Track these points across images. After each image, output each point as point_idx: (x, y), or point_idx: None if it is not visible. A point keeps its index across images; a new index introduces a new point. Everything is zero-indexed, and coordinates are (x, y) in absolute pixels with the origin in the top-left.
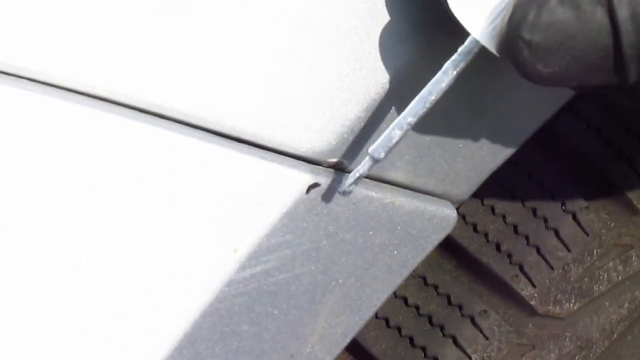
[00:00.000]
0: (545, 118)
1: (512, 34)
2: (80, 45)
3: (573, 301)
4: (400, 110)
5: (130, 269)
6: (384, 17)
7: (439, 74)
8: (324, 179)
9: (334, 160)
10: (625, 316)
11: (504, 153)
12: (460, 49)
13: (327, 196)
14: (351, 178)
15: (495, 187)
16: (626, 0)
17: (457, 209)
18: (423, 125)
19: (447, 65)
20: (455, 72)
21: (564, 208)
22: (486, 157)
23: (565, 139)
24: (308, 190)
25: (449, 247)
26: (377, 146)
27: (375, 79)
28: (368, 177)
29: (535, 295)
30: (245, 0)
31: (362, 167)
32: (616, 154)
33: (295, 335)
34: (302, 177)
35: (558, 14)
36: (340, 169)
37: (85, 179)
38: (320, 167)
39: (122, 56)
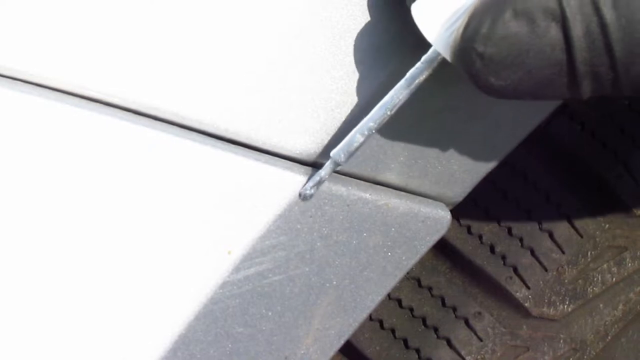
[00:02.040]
0: (540, 120)
1: (465, 45)
2: (75, 47)
3: (567, 303)
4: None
5: (124, 270)
6: (378, 19)
7: (402, 81)
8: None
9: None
10: (619, 318)
11: (498, 155)
12: (423, 58)
13: (321, 197)
14: (312, 181)
15: (490, 188)
16: (580, 17)
17: (451, 211)
18: (417, 128)
19: (410, 73)
20: (417, 81)
21: (558, 210)
22: (480, 158)
23: (560, 141)
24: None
25: (443, 248)
26: (338, 150)
27: (369, 81)
28: (362, 178)
29: (529, 296)
30: (239, 4)
31: (323, 170)
32: (610, 156)
33: (289, 337)
34: (296, 179)
35: (512, 28)
36: (334, 171)
37: (80, 180)
38: (314, 169)
39: (117, 58)
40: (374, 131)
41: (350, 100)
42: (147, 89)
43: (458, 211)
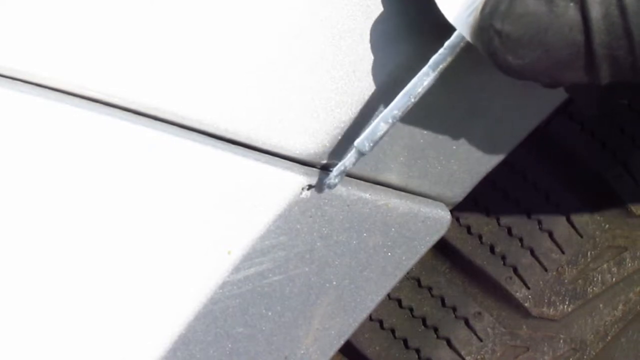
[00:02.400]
0: (539, 119)
1: (483, 23)
2: (75, 47)
3: (567, 303)
4: None
5: (124, 270)
6: (378, 19)
7: (425, 68)
8: (318, 180)
9: (328, 161)
10: (619, 318)
11: (497, 155)
12: (446, 43)
13: (321, 197)
14: (336, 170)
15: (489, 188)
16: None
17: (451, 211)
18: (417, 127)
19: (433, 59)
20: (440, 66)
21: (557, 209)
22: (480, 158)
23: (560, 141)
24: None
25: (443, 248)
26: (362, 139)
27: (369, 81)
28: (362, 178)
29: (529, 296)
30: (239, 4)
31: (347, 159)
32: (610, 155)
33: (289, 337)
34: (296, 179)
35: (530, 6)
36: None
37: (80, 181)
38: (314, 169)
39: (117, 59)
40: (397, 119)
41: (350, 100)
42: (147, 89)
43: (458, 211)
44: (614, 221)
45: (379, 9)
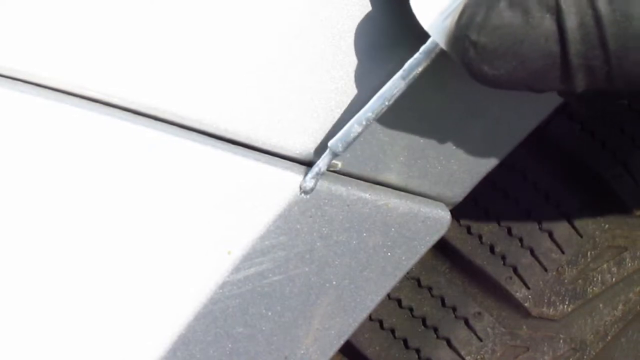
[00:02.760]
0: (539, 120)
1: (459, 33)
2: (75, 47)
3: (567, 303)
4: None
5: (124, 270)
6: (377, 19)
7: (400, 72)
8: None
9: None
10: (619, 318)
11: (497, 155)
12: (422, 48)
13: (321, 197)
14: (311, 172)
15: (489, 188)
16: (575, 10)
17: (451, 211)
18: (417, 128)
19: (408, 63)
20: (415, 72)
21: (557, 209)
22: (480, 158)
23: (559, 141)
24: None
25: (442, 248)
26: (335, 140)
27: (369, 81)
28: (362, 178)
29: (529, 296)
30: (239, 4)
31: (321, 161)
32: (610, 155)
33: (289, 337)
34: (296, 179)
35: (506, 17)
36: (333, 170)
37: (80, 181)
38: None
39: (117, 59)
40: (371, 121)
41: (350, 100)
42: (147, 89)
43: (458, 211)
44: (614, 221)
45: (379, 9)
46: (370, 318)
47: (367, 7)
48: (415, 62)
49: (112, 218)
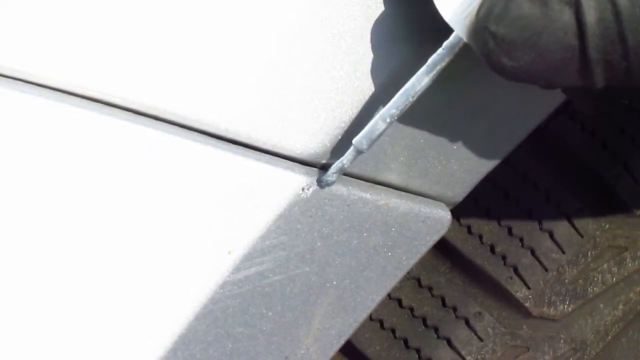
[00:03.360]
0: (539, 119)
1: (478, 25)
2: (75, 47)
3: (567, 303)
4: None
5: (125, 270)
6: (378, 19)
7: (423, 67)
8: (317, 178)
9: (328, 161)
10: (620, 318)
11: (498, 154)
12: (445, 43)
13: (322, 197)
14: (334, 168)
15: (490, 188)
16: (594, 4)
17: (452, 211)
18: (417, 127)
19: (432, 59)
20: (438, 66)
21: (558, 209)
22: (480, 158)
23: (560, 140)
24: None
25: (443, 248)
26: (360, 137)
27: (369, 80)
28: (362, 178)
29: (530, 296)
30: (239, 4)
31: (345, 157)
32: (610, 155)
33: (289, 337)
34: (296, 179)
35: (525, 9)
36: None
37: (80, 181)
38: (315, 169)
39: (117, 58)
40: (396, 118)
41: (350, 100)
42: (147, 89)
43: (458, 211)
44: (614, 221)
45: (379, 9)
46: (370, 318)
47: (367, 7)
48: (438, 58)
49: (113, 218)
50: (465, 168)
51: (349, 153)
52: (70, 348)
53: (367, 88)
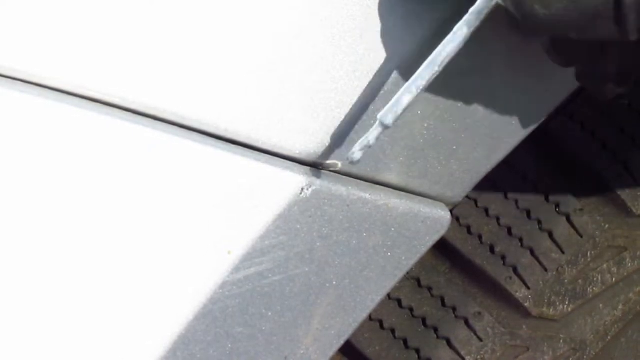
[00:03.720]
0: (540, 120)
1: None
2: (75, 47)
3: (567, 303)
4: None
5: (125, 270)
6: (377, 19)
7: (450, 35)
8: (318, 180)
9: (328, 161)
10: (619, 318)
11: (497, 154)
12: (472, 9)
13: (321, 197)
14: (359, 145)
15: (489, 188)
16: None
17: (451, 211)
18: (417, 128)
19: (459, 25)
20: (465, 32)
21: (557, 209)
22: (480, 158)
23: (560, 140)
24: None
25: (442, 248)
26: (385, 111)
27: (369, 81)
28: (362, 178)
29: (529, 296)
30: (240, 4)
31: (370, 133)
32: (610, 155)
33: (289, 337)
34: (296, 179)
35: None
36: (333, 170)
37: (80, 180)
38: (314, 169)
39: (117, 58)
40: (421, 89)
41: (350, 100)
42: (147, 89)
43: (458, 211)
44: (614, 221)
45: (380, 9)
46: (370, 318)
47: (367, 7)
48: (464, 24)
49: (113, 218)
50: (464, 168)
51: (374, 129)
52: (70, 348)
53: (367, 88)
